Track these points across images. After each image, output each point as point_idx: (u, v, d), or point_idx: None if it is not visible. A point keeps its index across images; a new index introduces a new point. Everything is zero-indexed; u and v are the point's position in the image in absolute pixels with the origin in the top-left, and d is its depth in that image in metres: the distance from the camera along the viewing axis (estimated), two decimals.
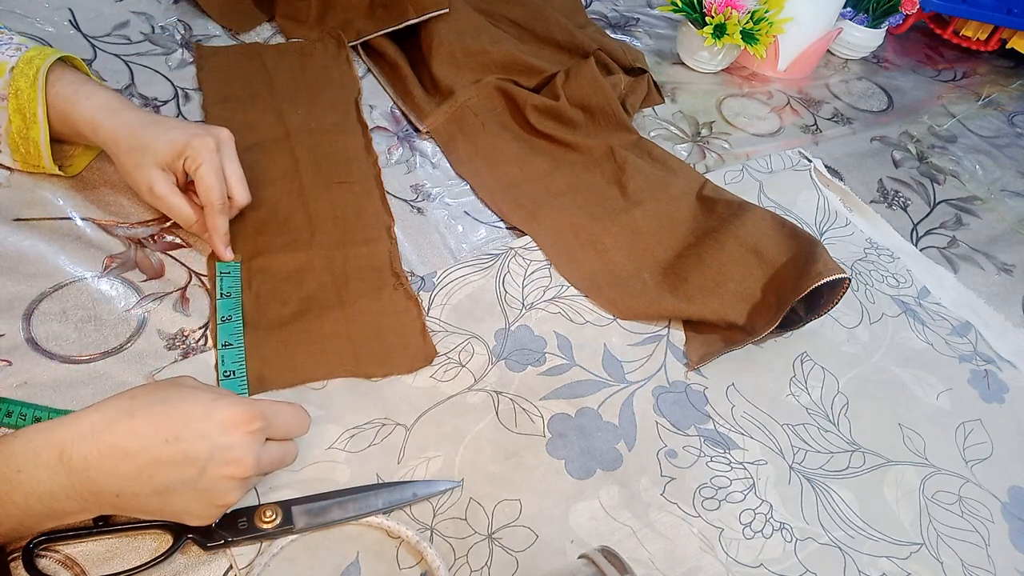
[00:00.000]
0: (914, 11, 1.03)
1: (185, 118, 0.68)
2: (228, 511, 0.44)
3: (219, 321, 0.53)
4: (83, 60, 0.59)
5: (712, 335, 0.61)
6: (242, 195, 0.58)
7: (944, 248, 0.77)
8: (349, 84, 0.76)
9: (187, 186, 0.56)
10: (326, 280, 0.58)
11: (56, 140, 0.57)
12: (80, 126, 0.54)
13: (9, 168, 0.58)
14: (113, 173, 0.61)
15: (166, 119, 0.56)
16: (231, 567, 0.43)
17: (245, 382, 0.50)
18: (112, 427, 0.38)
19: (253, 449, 0.41)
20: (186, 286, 0.56)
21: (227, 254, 0.57)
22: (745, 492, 0.53)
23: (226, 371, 0.50)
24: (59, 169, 0.57)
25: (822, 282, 0.57)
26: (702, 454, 0.54)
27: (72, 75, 0.56)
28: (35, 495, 0.37)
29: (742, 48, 0.87)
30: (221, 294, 0.55)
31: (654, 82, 0.81)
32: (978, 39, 1.10)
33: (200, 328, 0.54)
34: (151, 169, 0.54)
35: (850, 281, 0.59)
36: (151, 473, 0.38)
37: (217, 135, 0.56)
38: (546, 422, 0.53)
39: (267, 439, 0.43)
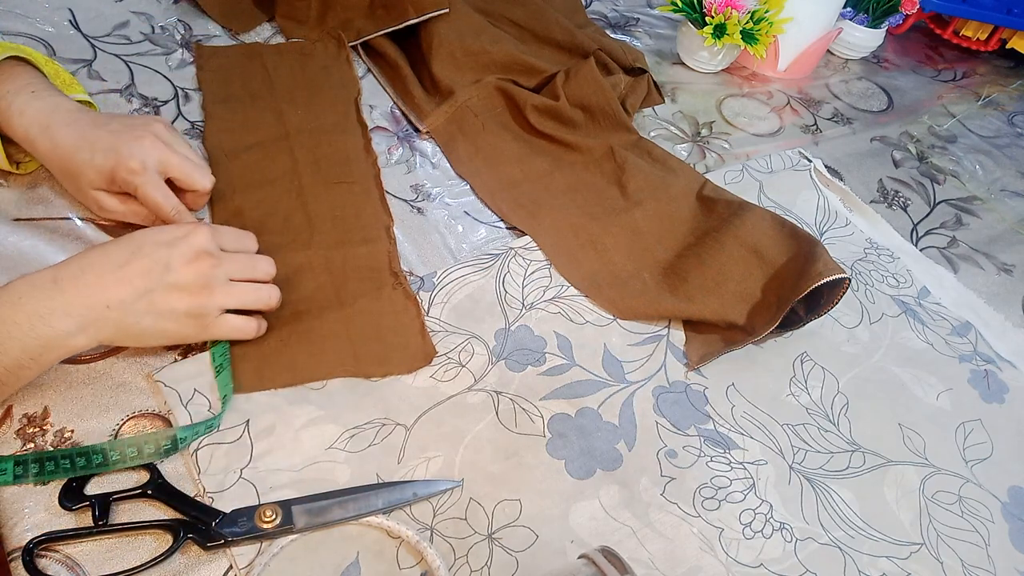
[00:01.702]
0: (914, 11, 1.03)
1: (185, 118, 0.68)
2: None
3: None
4: (81, 60, 0.59)
5: (712, 335, 0.61)
6: (201, 181, 0.56)
7: (944, 248, 0.77)
8: (349, 84, 0.76)
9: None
10: (325, 280, 0.58)
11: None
12: (21, 144, 0.53)
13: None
14: None
15: (97, 128, 0.53)
16: (231, 567, 0.43)
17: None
18: (89, 254, 0.46)
19: (207, 244, 0.47)
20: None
21: None
22: (745, 492, 0.53)
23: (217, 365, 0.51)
24: (15, 167, 0.57)
25: (822, 282, 0.57)
26: (702, 454, 0.54)
27: (13, 83, 0.53)
28: (36, 314, 0.42)
29: (742, 48, 0.87)
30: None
31: (654, 82, 0.81)
32: (978, 39, 1.10)
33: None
34: (90, 192, 0.54)
35: (850, 281, 0.59)
36: (128, 278, 0.45)
37: (151, 134, 0.54)
38: (546, 422, 0.53)
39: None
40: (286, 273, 0.57)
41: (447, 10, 0.77)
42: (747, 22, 0.85)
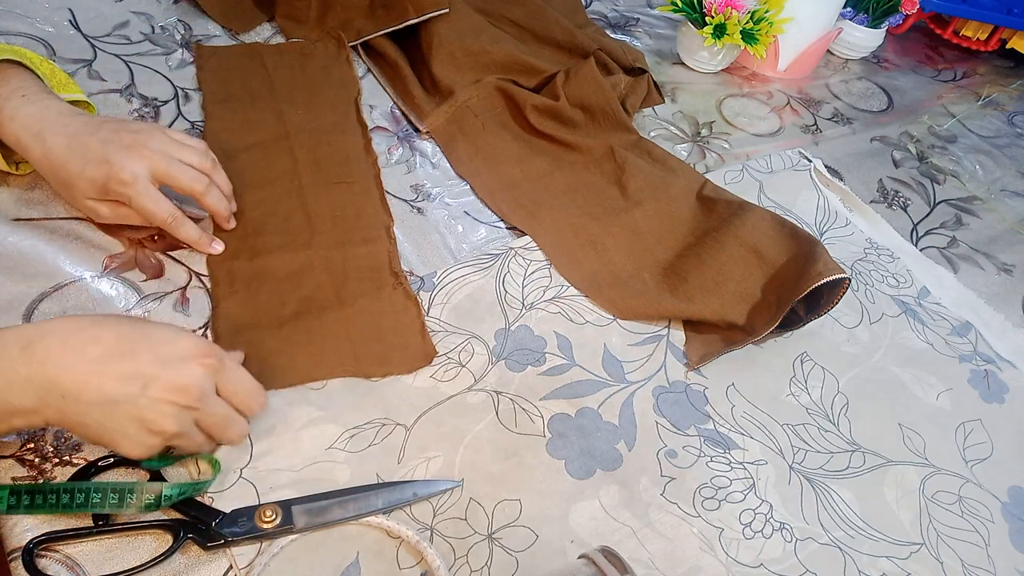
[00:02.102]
0: (914, 11, 1.03)
1: (185, 118, 0.68)
2: (168, 457, 0.45)
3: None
4: (81, 60, 0.59)
5: (712, 335, 0.61)
6: (194, 186, 0.54)
7: (944, 248, 0.77)
8: (349, 84, 0.76)
9: None
10: (325, 280, 0.58)
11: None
12: (14, 148, 0.53)
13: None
14: None
15: (88, 136, 0.52)
16: (231, 567, 0.43)
17: None
18: (79, 332, 0.41)
19: (201, 382, 0.42)
20: (186, 286, 0.56)
21: (215, 248, 0.57)
22: (745, 492, 0.53)
23: None
24: (15, 168, 0.57)
25: (822, 282, 0.57)
26: (702, 454, 0.54)
27: (4, 86, 0.52)
28: None
29: (742, 48, 0.87)
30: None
31: (654, 82, 0.81)
32: (978, 39, 1.10)
33: (200, 328, 0.54)
34: (85, 201, 0.53)
35: (850, 281, 0.59)
36: (100, 381, 0.40)
37: (140, 143, 0.52)
38: (546, 422, 0.53)
39: (219, 394, 0.44)
40: (286, 272, 0.58)
41: (447, 10, 0.77)
42: (747, 22, 0.85)
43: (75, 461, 0.45)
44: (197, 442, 0.44)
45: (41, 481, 0.44)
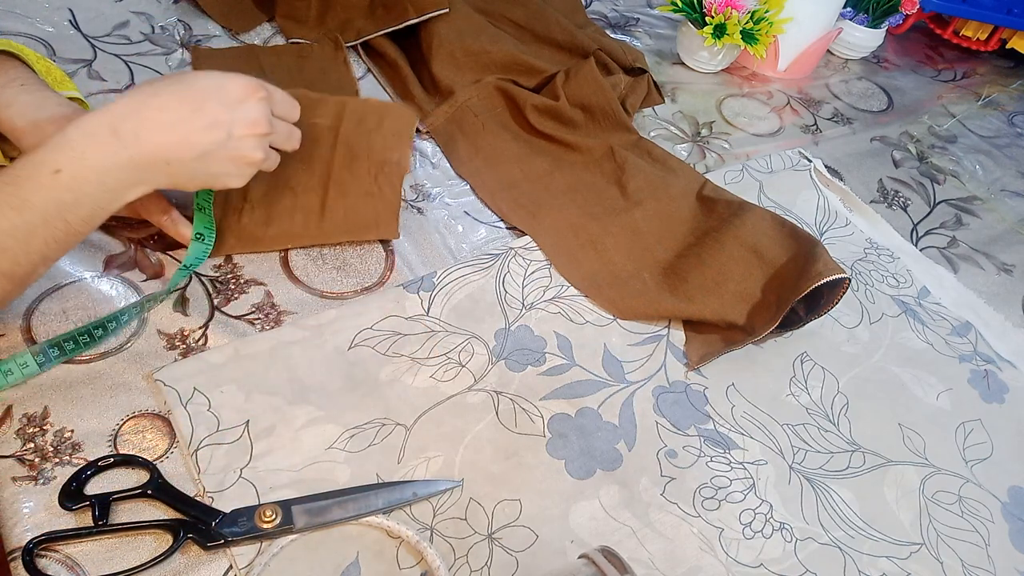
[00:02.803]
0: (914, 11, 1.03)
1: None
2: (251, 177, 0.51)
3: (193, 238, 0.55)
4: (81, 60, 0.59)
5: (712, 335, 0.61)
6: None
7: (944, 248, 0.77)
8: (346, 86, 0.76)
9: None
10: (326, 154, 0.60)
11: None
12: (5, 133, 0.53)
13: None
14: None
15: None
16: (231, 567, 0.43)
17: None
18: (144, 105, 0.46)
19: (265, 111, 0.49)
20: (186, 286, 0.56)
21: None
22: (745, 492, 0.53)
23: (198, 233, 0.54)
24: (9, 163, 0.56)
25: (822, 282, 0.57)
26: (702, 454, 0.54)
27: (1, 76, 0.53)
28: (103, 170, 0.44)
29: (742, 48, 0.87)
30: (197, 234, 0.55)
31: (654, 82, 0.81)
32: (978, 39, 1.10)
33: (200, 328, 0.54)
34: None
35: (850, 281, 0.59)
36: (190, 139, 0.46)
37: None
38: (546, 422, 0.53)
39: (273, 115, 0.51)
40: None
41: (447, 10, 0.77)
42: (747, 22, 0.85)
43: (75, 461, 0.45)
44: (273, 159, 0.52)
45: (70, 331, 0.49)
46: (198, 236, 0.54)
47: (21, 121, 0.51)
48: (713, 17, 0.85)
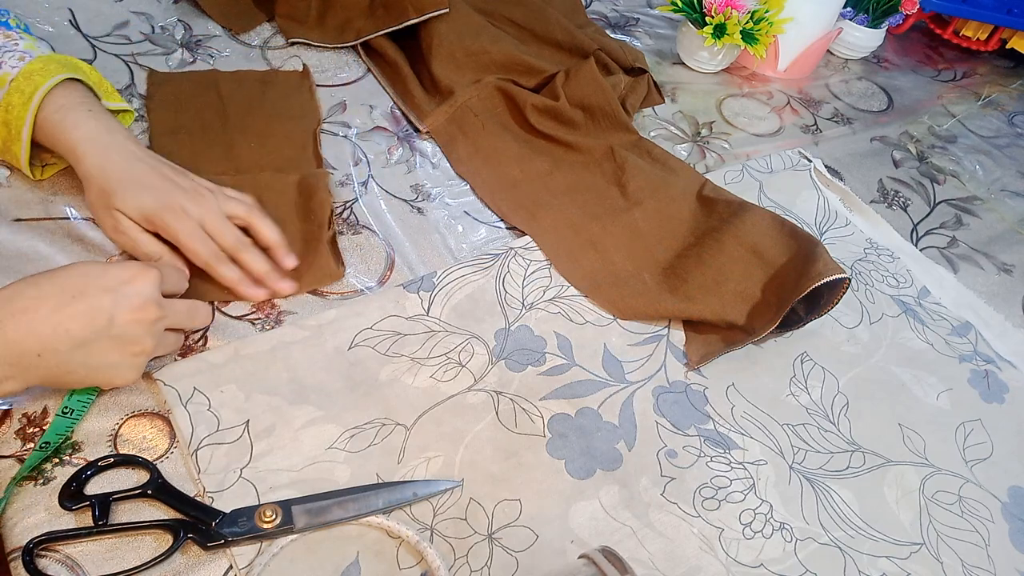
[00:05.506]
0: (914, 11, 1.03)
1: None
2: (149, 362, 0.48)
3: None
4: (81, 60, 0.59)
5: (712, 335, 0.61)
6: (268, 233, 0.56)
7: (944, 248, 0.77)
8: (310, 114, 0.72)
9: None
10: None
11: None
12: (65, 154, 0.53)
13: (10, 168, 0.58)
14: None
15: (148, 167, 0.53)
16: (231, 567, 0.43)
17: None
18: (18, 295, 0.42)
19: (152, 293, 0.45)
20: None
21: (259, 294, 0.55)
22: (745, 492, 0.53)
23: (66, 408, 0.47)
24: (40, 174, 0.57)
25: (822, 282, 0.57)
26: (702, 454, 0.54)
27: (67, 98, 0.53)
28: None
29: (742, 48, 0.87)
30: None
31: (654, 82, 0.81)
32: (978, 39, 1.10)
33: (200, 328, 0.54)
34: (122, 220, 0.52)
35: (850, 281, 0.59)
36: (66, 327, 0.42)
37: (200, 192, 0.53)
38: (546, 422, 0.53)
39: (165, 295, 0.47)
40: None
41: (447, 10, 0.77)
42: (747, 22, 0.85)
43: (75, 461, 0.45)
44: (171, 342, 0.49)
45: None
46: (65, 411, 0.46)
47: (86, 144, 0.52)
48: (713, 17, 0.85)
